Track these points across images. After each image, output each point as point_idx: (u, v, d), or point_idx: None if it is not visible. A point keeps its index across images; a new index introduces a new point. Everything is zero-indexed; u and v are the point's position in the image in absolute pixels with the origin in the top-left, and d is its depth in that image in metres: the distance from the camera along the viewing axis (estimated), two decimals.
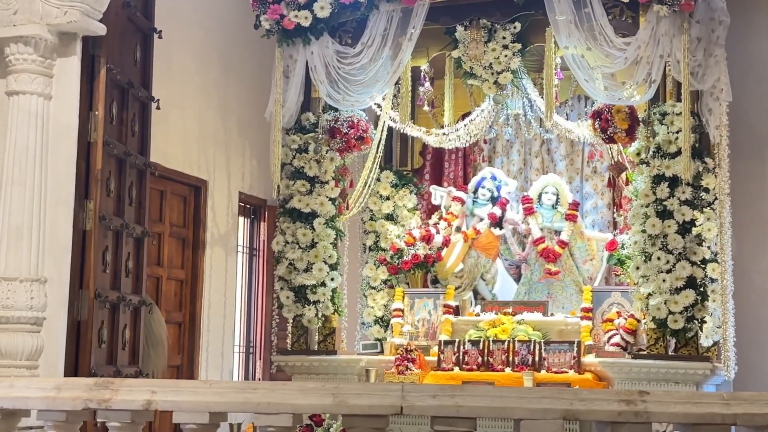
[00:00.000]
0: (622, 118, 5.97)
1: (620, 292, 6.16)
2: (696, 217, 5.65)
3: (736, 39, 6.48)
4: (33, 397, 3.28)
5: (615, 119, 5.97)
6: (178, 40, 6.65)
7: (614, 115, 5.99)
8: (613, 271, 6.37)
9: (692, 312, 5.61)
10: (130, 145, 5.53)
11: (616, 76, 5.63)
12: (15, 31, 4.83)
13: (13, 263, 4.73)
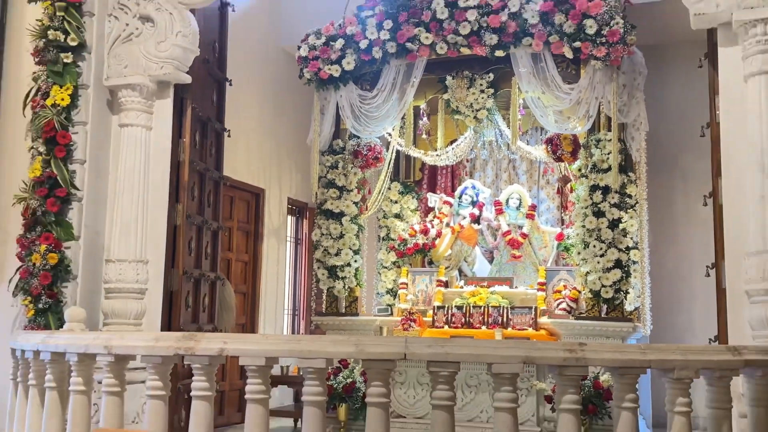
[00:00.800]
0: (567, 143, 6.02)
1: (566, 270, 6.22)
2: (621, 216, 5.69)
3: (652, 85, 6.49)
4: (138, 345, 3.32)
5: (562, 144, 6.03)
6: (244, 86, 6.75)
7: (562, 141, 6.04)
8: (561, 255, 6.42)
9: (619, 285, 5.64)
10: (209, 163, 5.65)
11: (563, 112, 5.68)
12: (125, 80, 4.92)
13: (124, 249, 4.86)
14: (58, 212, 4.66)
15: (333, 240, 6.53)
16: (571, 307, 5.95)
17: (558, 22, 5.45)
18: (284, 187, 8.22)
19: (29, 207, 4.69)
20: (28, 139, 4.91)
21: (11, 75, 5.35)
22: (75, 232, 4.73)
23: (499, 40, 5.59)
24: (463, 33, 5.65)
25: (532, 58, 5.61)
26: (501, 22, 5.53)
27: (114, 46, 4.94)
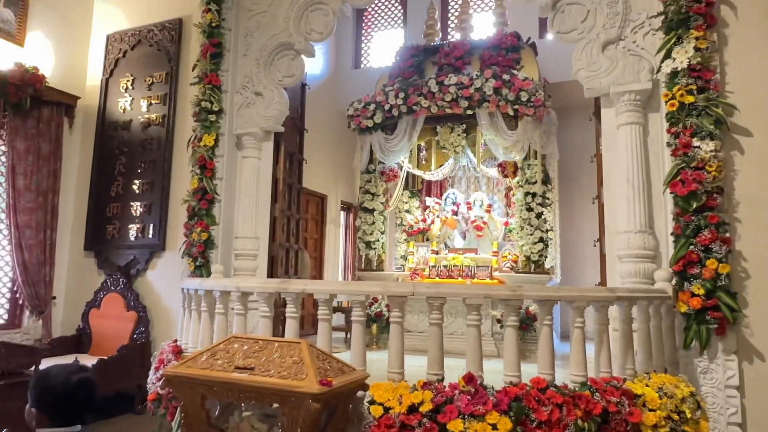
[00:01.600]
0: (510, 166, 6.07)
1: (509, 243, 6.28)
2: (543, 211, 5.74)
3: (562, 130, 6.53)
4: (254, 286, 3.43)
5: (507, 167, 6.07)
6: (314, 132, 6.83)
7: (507, 165, 6.08)
8: (506, 235, 6.46)
9: (541, 253, 5.69)
10: (294, 179, 5.73)
11: (508, 147, 5.73)
12: (246, 130, 5.14)
13: (245, 230, 5.04)
14: (207, 209, 4.77)
15: (368, 225, 6.64)
16: (513, 266, 6.04)
17: (504, 93, 5.51)
18: (338, 193, 8.35)
19: (190, 205, 4.80)
20: (189, 166, 5.00)
21: (180, 128, 5.49)
22: (216, 221, 4.83)
23: (468, 104, 5.66)
24: (447, 100, 5.72)
25: (489, 115, 5.68)
26: (470, 93, 5.61)
27: (239, 110, 5.04)
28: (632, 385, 2.79)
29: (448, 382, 2.73)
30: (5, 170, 5.38)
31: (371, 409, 2.60)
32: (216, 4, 5.00)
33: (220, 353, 2.63)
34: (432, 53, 6.37)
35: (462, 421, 2.49)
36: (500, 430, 2.45)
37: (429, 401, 2.57)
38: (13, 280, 5.49)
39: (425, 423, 2.49)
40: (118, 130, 5.89)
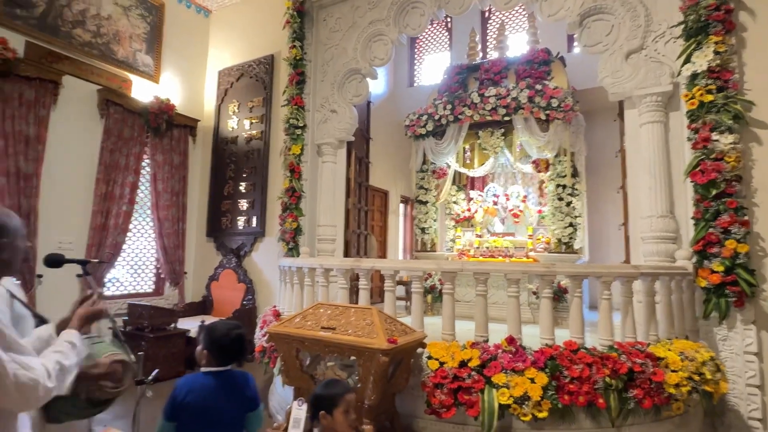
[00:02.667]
0: (543, 162, 5.80)
1: (542, 228, 6.01)
2: (572, 200, 5.46)
3: (590, 130, 6.17)
4: (334, 264, 3.46)
5: (541, 163, 5.81)
6: (378, 140, 6.83)
7: (540, 161, 5.82)
8: (540, 222, 6.18)
9: (571, 236, 5.43)
10: (362, 178, 5.70)
11: (540, 147, 5.47)
12: (324, 141, 5.11)
13: (326, 220, 4.94)
14: (296, 203, 4.91)
15: (423, 215, 6.60)
16: (546, 247, 5.79)
17: (537, 101, 5.25)
18: (398, 188, 8.31)
19: (283, 201, 4.94)
20: (281, 170, 5.11)
21: (274, 141, 5.66)
22: (303, 213, 4.94)
23: (506, 111, 5.44)
24: (487, 109, 5.53)
25: (524, 120, 5.43)
26: (507, 102, 5.39)
27: (319, 124, 5.11)
28: (655, 348, 2.62)
29: (492, 343, 2.69)
30: (150, 177, 5.81)
31: (429, 363, 2.61)
32: (299, 41, 5.11)
33: (309, 316, 2.73)
34: (474, 70, 6.18)
35: (505, 375, 2.45)
36: (537, 383, 2.38)
37: (476, 358, 2.54)
38: (156, 260, 5.94)
39: (474, 375, 2.48)
40: (228, 144, 6.19)
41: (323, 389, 1.60)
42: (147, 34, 5.83)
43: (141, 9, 5.77)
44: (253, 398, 1.66)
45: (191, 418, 1.54)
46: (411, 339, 2.53)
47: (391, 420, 2.56)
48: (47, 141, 4.67)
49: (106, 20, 5.38)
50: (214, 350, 1.64)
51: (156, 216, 5.80)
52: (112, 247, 5.18)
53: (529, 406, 2.35)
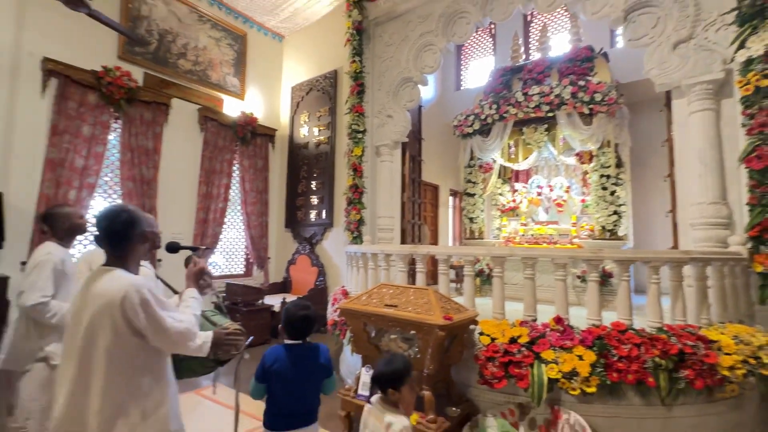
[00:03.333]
0: (587, 154, 5.41)
1: (586, 216, 5.60)
2: (616, 189, 5.04)
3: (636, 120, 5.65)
4: (394, 249, 3.44)
5: (584, 155, 5.42)
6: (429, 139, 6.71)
7: (583, 153, 5.43)
8: (583, 210, 5.77)
9: (616, 223, 5.03)
10: (416, 174, 5.61)
11: (584, 140, 5.09)
12: (381, 143, 5.04)
13: (385, 211, 4.87)
14: (358, 198, 4.97)
15: (471, 206, 6.43)
16: (589, 234, 5.40)
17: (580, 96, 4.89)
18: (447, 183, 8.18)
19: (347, 197, 5.00)
20: (345, 170, 5.18)
21: (338, 145, 5.77)
22: (365, 206, 4.98)
23: (549, 108, 5.14)
24: (531, 107, 5.25)
25: (567, 116, 5.08)
26: (550, 100, 5.07)
27: (377, 128, 5.08)
28: (707, 332, 2.37)
29: (540, 322, 2.58)
30: (239, 179, 6.18)
31: (481, 339, 2.55)
32: (358, 56, 5.15)
33: (374, 295, 2.78)
34: (517, 71, 5.88)
35: (553, 352, 2.34)
36: (585, 360, 2.25)
37: (526, 335, 2.45)
38: (246, 247, 6.33)
39: (523, 351, 2.39)
40: (301, 149, 6.41)
41: (386, 367, 1.57)
42: (234, 60, 6.17)
43: (229, 39, 6.11)
44: (327, 366, 1.70)
45: (277, 382, 1.66)
46: (464, 316, 2.49)
47: (447, 388, 2.55)
48: (161, 152, 5.12)
49: (202, 51, 5.76)
50: (288, 327, 1.74)
51: (245, 211, 6.16)
52: (212, 237, 5.59)
53: (578, 381, 2.23)
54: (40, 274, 1.93)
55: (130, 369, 1.19)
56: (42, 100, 4.19)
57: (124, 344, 1.17)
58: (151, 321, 1.18)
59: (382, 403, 1.55)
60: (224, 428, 2.69)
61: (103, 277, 1.21)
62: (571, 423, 2.23)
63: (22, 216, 3.97)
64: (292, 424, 1.60)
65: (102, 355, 1.16)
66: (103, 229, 1.26)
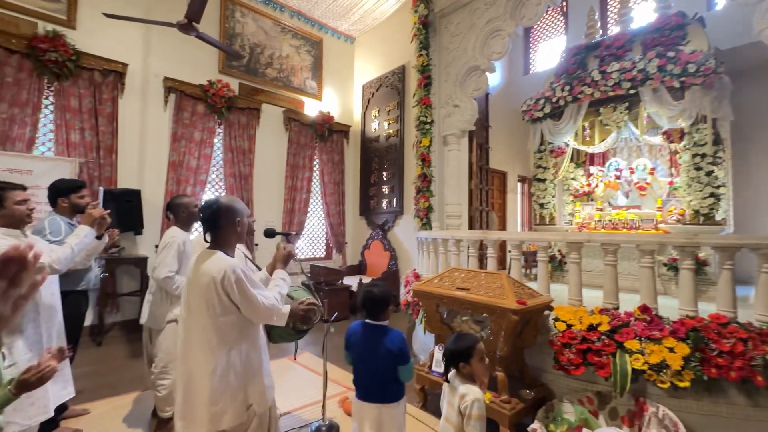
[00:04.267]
0: (677, 132, 4.69)
1: (675, 200, 4.87)
2: (714, 169, 4.30)
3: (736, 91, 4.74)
4: (465, 235, 3.37)
5: (673, 133, 4.70)
6: (496, 126, 6.38)
7: (673, 131, 4.72)
8: (671, 193, 5.05)
9: (712, 206, 4.31)
10: (483, 161, 5.39)
11: (674, 116, 4.40)
12: (449, 132, 4.91)
13: (452, 198, 4.77)
14: (427, 187, 4.89)
15: (541, 191, 5.99)
16: (679, 218, 4.70)
17: (669, 69, 4.22)
18: (515, 169, 7.71)
19: (416, 185, 4.97)
20: (414, 160, 5.12)
21: (407, 136, 5.74)
22: (433, 194, 4.87)
23: (631, 85, 4.52)
24: (609, 85, 4.65)
25: (652, 91, 4.41)
26: (632, 76, 4.45)
27: (443, 119, 4.97)
28: None
29: (623, 311, 2.33)
30: (318, 172, 6.50)
31: (556, 325, 2.39)
32: (425, 50, 5.04)
33: (445, 278, 2.75)
34: (593, 48, 5.24)
35: (638, 342, 2.11)
36: (678, 353, 1.99)
37: (606, 323, 2.24)
38: (326, 233, 6.67)
39: (604, 339, 2.19)
40: (372, 142, 6.51)
41: (455, 344, 1.57)
42: (311, 64, 6.44)
43: (307, 46, 6.38)
44: (397, 354, 1.63)
45: (354, 353, 1.75)
46: (538, 302, 2.35)
47: (521, 371, 2.44)
48: (255, 151, 5.57)
49: (285, 59, 6.10)
50: (361, 306, 1.78)
51: (324, 201, 6.48)
52: (298, 224, 5.99)
53: (668, 375, 1.98)
54: (168, 253, 2.18)
55: (233, 334, 1.34)
56: (164, 113, 4.80)
57: (226, 313, 1.33)
58: (243, 296, 1.32)
59: (457, 377, 1.55)
60: (313, 391, 2.90)
61: (209, 258, 1.36)
62: (660, 417, 2.00)
63: (154, 209, 4.64)
64: (369, 395, 1.66)
65: (210, 322, 1.32)
66: (200, 219, 1.44)
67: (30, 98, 3.79)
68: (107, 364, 3.40)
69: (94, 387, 2.88)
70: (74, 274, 2.30)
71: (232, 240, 1.44)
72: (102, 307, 4.05)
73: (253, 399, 1.37)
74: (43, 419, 1.64)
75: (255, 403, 1.37)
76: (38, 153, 3.89)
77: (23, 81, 3.76)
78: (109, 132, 4.29)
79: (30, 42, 3.77)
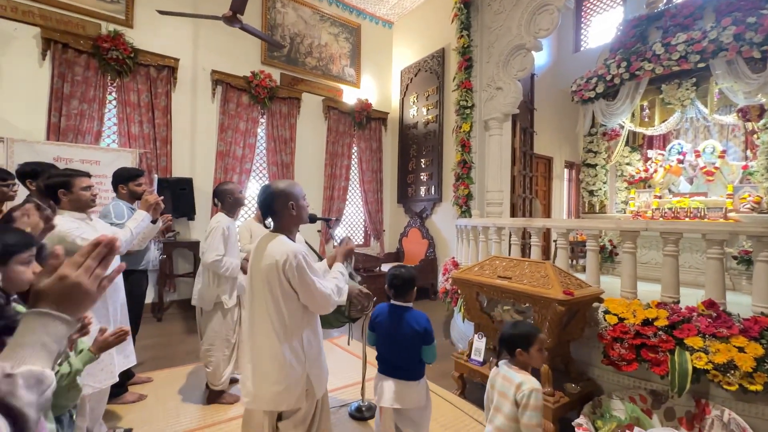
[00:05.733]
0: (755, 109, 4.16)
1: (750, 186, 4.36)
2: None
3: None
4: (507, 222, 3.25)
5: (750, 111, 4.18)
6: (542, 109, 6.05)
7: (750, 109, 4.19)
8: (746, 178, 4.53)
9: None
10: (527, 146, 5.17)
11: (752, 92, 3.90)
12: (491, 116, 4.76)
13: (492, 185, 4.63)
14: (467, 173, 4.79)
15: (591, 177, 5.63)
16: (754, 207, 4.21)
17: (748, 37, 3.74)
18: (562, 154, 7.26)
19: (456, 172, 4.87)
20: (454, 146, 5.02)
21: (447, 122, 5.62)
22: (473, 181, 4.78)
23: (700, 57, 4.06)
24: (674, 59, 4.20)
25: (726, 64, 3.93)
26: (702, 47, 3.99)
27: (485, 102, 4.80)
28: None
29: (684, 305, 2.15)
30: (357, 160, 6.55)
31: (607, 318, 2.26)
32: (466, 30, 4.85)
33: (486, 266, 2.68)
34: (656, 19, 4.74)
35: (702, 339, 1.93)
36: (749, 353, 1.81)
37: (664, 318, 2.08)
38: (364, 220, 6.75)
39: (660, 335, 2.03)
40: (410, 129, 6.43)
41: (515, 329, 1.53)
42: (350, 52, 6.43)
43: (345, 33, 6.38)
44: (422, 334, 1.65)
45: (379, 333, 1.78)
46: (587, 293, 2.22)
47: (566, 364, 2.34)
48: (296, 140, 5.72)
49: (324, 47, 6.14)
50: (389, 287, 1.80)
51: (362, 188, 6.54)
52: (337, 211, 6.11)
53: (737, 376, 1.80)
54: (214, 238, 2.28)
55: (296, 318, 1.38)
56: (212, 105, 5.05)
57: (288, 297, 1.36)
58: (302, 282, 1.34)
59: (511, 365, 1.51)
60: (352, 372, 2.98)
61: (272, 241, 1.39)
62: (725, 421, 1.83)
63: (205, 196, 4.93)
64: (393, 372, 1.68)
65: (273, 304, 1.36)
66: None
67: (96, 95, 4.14)
68: (166, 338, 3.72)
69: (156, 358, 3.17)
70: (135, 255, 2.52)
71: (289, 224, 1.45)
72: (161, 286, 4.41)
73: (313, 384, 1.41)
74: (111, 383, 1.82)
75: (314, 387, 1.41)
76: (104, 145, 4.25)
77: (90, 79, 4.11)
78: (164, 124, 4.59)
79: (95, 42, 4.07)
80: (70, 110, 3.97)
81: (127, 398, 2.44)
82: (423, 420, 1.70)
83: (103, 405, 1.93)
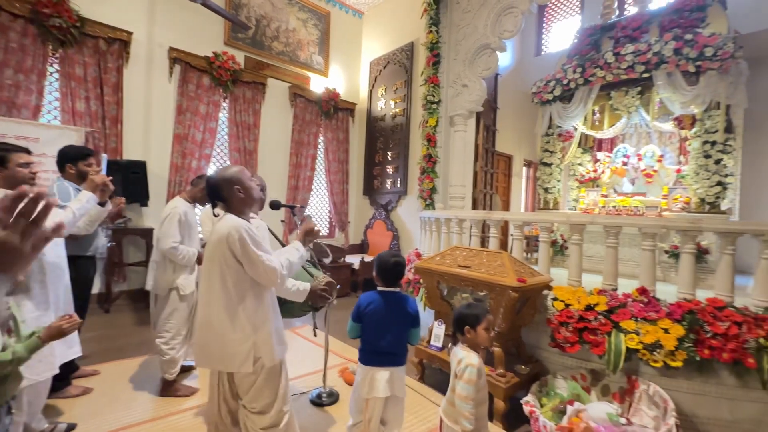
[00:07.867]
0: (688, 118, 4.61)
1: (681, 188, 4.82)
2: (723, 157, 4.24)
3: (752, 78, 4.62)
4: (468, 215, 3.34)
5: (684, 119, 4.63)
6: (504, 108, 6.29)
7: (684, 118, 4.64)
8: (678, 181, 5.00)
9: (718, 195, 4.27)
10: (489, 144, 5.36)
11: (687, 102, 4.31)
12: (456, 113, 4.86)
13: (456, 180, 4.76)
14: (432, 167, 4.89)
15: (546, 176, 5.94)
16: (684, 207, 4.68)
17: (685, 52, 4.12)
18: (521, 153, 7.62)
19: (421, 166, 4.96)
20: (420, 140, 5.10)
21: (413, 116, 5.65)
22: (438, 175, 4.88)
23: (645, 68, 4.42)
24: (622, 67, 4.55)
25: (666, 75, 4.32)
26: (647, 58, 4.35)
27: (451, 98, 4.92)
28: None
29: (621, 292, 2.37)
30: (323, 150, 6.47)
31: (554, 304, 2.44)
32: (435, 26, 4.93)
33: (447, 256, 2.78)
34: (609, 29, 5.10)
35: (634, 322, 2.15)
36: (672, 334, 2.04)
37: (604, 303, 2.28)
38: (329, 211, 6.70)
39: (600, 318, 2.23)
40: (378, 121, 6.44)
41: (466, 309, 1.61)
42: (318, 39, 6.30)
43: (314, 20, 6.24)
44: (414, 316, 1.73)
45: (369, 323, 1.76)
46: (538, 281, 2.39)
47: (517, 347, 2.51)
48: (260, 126, 5.54)
49: (292, 32, 5.97)
50: (381, 274, 1.80)
51: (328, 179, 6.48)
52: (301, 201, 6.02)
53: (661, 354, 2.03)
54: (170, 224, 2.24)
55: (239, 288, 1.42)
56: (169, 85, 4.76)
57: (232, 269, 1.41)
58: (245, 254, 1.38)
59: (460, 345, 1.60)
60: (315, 361, 2.99)
61: (221, 220, 1.47)
62: (650, 394, 2.06)
63: (159, 181, 4.66)
64: (382, 361, 1.71)
65: (219, 275, 1.42)
66: (208, 197, 1.52)
67: (35, 65, 3.77)
68: (115, 329, 3.51)
69: (103, 350, 2.99)
70: (82, 240, 2.35)
71: (241, 205, 1.50)
72: (109, 275, 4.14)
73: (261, 352, 1.44)
74: (50, 375, 1.70)
75: (263, 356, 1.44)
76: (44, 121, 3.89)
77: (27, 47, 3.72)
78: (114, 102, 4.27)
79: (33, 6, 3.71)
80: (3, 80, 3.58)
81: (70, 392, 2.30)
82: (403, 404, 1.75)
83: (43, 398, 1.81)
